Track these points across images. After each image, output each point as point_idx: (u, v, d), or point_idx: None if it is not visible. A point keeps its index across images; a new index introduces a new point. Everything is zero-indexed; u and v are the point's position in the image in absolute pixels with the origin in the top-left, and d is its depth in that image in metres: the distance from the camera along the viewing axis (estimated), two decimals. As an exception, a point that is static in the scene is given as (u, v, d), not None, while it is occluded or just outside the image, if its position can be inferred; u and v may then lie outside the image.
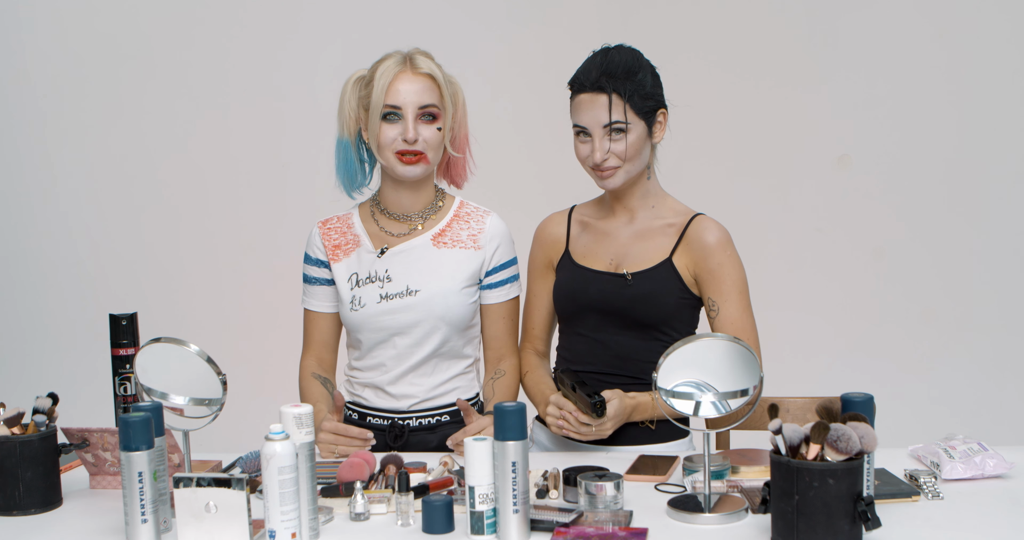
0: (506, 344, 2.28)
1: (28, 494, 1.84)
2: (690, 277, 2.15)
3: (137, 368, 1.85)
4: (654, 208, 2.21)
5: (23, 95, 3.94)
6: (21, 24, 3.90)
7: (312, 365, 2.30)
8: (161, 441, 1.73)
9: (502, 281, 2.26)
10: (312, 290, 2.29)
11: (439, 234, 2.24)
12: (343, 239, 2.26)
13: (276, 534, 1.60)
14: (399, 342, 2.20)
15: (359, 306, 2.20)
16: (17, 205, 3.99)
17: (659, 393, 1.75)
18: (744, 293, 2.14)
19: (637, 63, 2.12)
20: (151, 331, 2.05)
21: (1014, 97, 3.70)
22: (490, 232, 2.25)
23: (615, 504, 1.72)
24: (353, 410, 2.28)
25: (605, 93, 2.09)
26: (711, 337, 1.75)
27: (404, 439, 2.22)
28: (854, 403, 1.68)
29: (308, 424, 1.67)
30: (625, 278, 2.15)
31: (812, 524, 1.52)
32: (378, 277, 2.21)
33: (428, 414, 2.23)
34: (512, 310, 2.29)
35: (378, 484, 1.89)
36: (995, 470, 1.87)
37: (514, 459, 1.61)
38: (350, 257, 2.24)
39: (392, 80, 2.12)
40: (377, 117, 2.13)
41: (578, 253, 2.25)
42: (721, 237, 2.14)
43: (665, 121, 2.17)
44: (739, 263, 2.15)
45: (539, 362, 2.31)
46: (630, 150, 2.11)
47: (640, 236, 2.19)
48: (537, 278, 2.33)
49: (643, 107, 2.11)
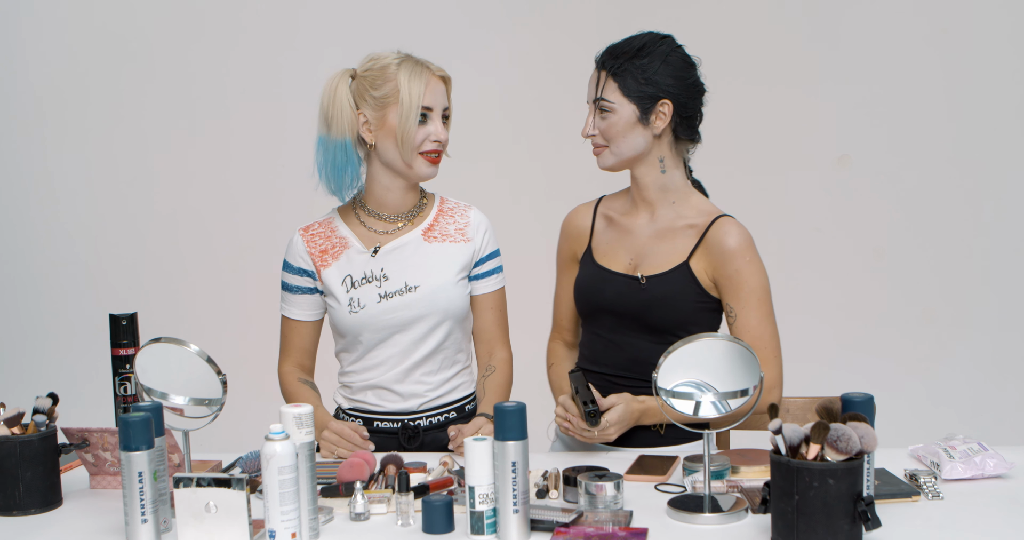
0: (495, 336, 2.28)
1: (28, 494, 1.84)
2: (708, 281, 2.11)
3: (137, 368, 1.85)
4: (675, 204, 2.17)
5: (23, 95, 3.94)
6: (21, 24, 3.90)
7: (295, 371, 2.29)
8: (161, 441, 1.73)
9: (489, 271, 2.27)
10: (292, 299, 2.28)
11: (428, 229, 2.24)
12: (329, 243, 2.25)
13: (276, 534, 1.60)
14: (400, 339, 2.20)
15: (358, 307, 2.20)
16: (17, 205, 3.99)
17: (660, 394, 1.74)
18: (764, 300, 2.08)
19: (650, 48, 2.10)
20: (151, 331, 2.05)
21: (1013, 97, 3.70)
22: (475, 224, 2.26)
23: (615, 504, 1.72)
24: (356, 417, 2.27)
25: (602, 69, 2.12)
26: (711, 337, 1.75)
27: (419, 440, 2.22)
28: (854, 403, 1.68)
29: (308, 424, 1.67)
30: (639, 281, 2.13)
31: (812, 524, 1.52)
32: (374, 276, 2.21)
33: (437, 412, 2.23)
34: (499, 301, 2.29)
35: (378, 484, 1.89)
36: (995, 470, 1.87)
37: (514, 459, 1.61)
38: (340, 260, 2.23)
39: (428, 82, 2.14)
40: (414, 118, 2.13)
41: (599, 250, 2.23)
42: (741, 242, 2.08)
43: (669, 113, 2.10)
44: (760, 269, 2.09)
45: (566, 353, 2.32)
46: (611, 130, 2.10)
47: (660, 236, 2.16)
48: (564, 270, 2.32)
49: (637, 91, 2.08)
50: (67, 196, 3.95)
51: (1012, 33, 3.68)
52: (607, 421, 2.00)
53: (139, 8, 3.88)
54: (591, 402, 1.99)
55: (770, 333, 2.09)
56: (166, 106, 3.89)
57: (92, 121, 3.92)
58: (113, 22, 3.89)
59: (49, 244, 3.98)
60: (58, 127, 3.94)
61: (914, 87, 3.73)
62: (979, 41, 3.69)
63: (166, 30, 3.88)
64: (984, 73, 3.70)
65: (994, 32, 3.68)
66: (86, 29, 3.89)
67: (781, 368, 2.10)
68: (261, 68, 3.87)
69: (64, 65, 3.90)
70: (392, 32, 3.71)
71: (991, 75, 3.70)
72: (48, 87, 3.92)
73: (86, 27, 3.89)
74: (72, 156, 3.94)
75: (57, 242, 3.98)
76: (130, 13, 3.88)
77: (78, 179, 3.95)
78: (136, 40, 3.88)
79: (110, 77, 3.89)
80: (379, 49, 2.21)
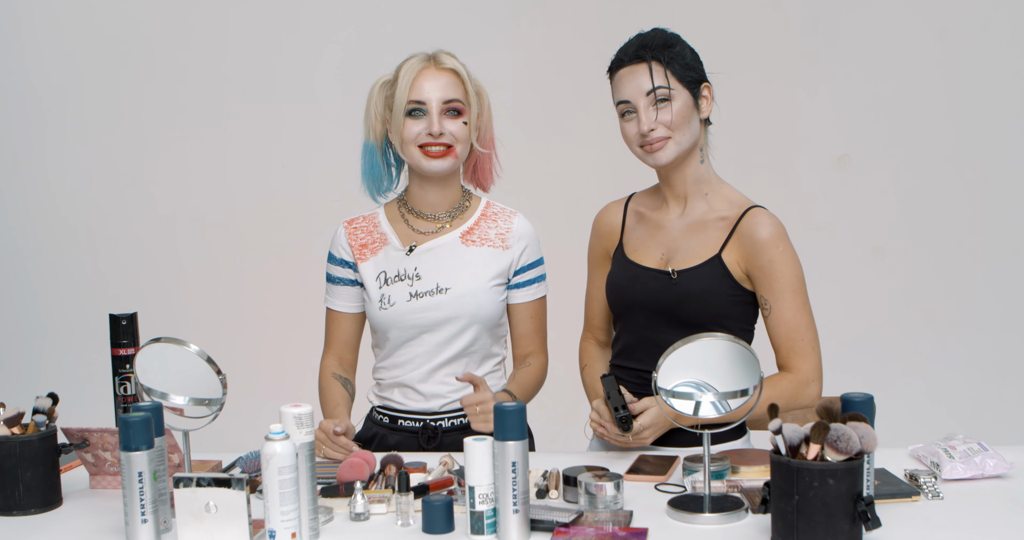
0: (533, 342, 2.28)
1: (28, 494, 1.84)
2: (741, 273, 2.08)
3: (137, 368, 1.85)
4: (707, 196, 2.14)
5: (23, 95, 3.94)
6: (21, 25, 3.91)
7: (333, 365, 2.30)
8: (161, 441, 1.73)
9: (530, 281, 2.26)
10: (335, 290, 2.29)
11: (467, 232, 2.24)
12: (369, 238, 2.27)
13: (276, 534, 1.60)
14: (428, 339, 2.20)
15: (388, 304, 2.20)
16: (17, 205, 3.99)
17: (660, 394, 1.74)
18: (799, 291, 2.05)
19: (674, 39, 2.10)
20: (151, 331, 2.05)
21: (1014, 97, 3.70)
22: (518, 232, 2.25)
23: (615, 504, 1.72)
24: (384, 414, 2.28)
25: (645, 62, 2.06)
26: (711, 337, 1.74)
27: (438, 440, 2.22)
28: (854, 403, 1.68)
29: (308, 424, 1.67)
30: (671, 276, 2.10)
31: (812, 524, 1.52)
32: (407, 275, 2.21)
33: (460, 414, 2.22)
34: (539, 310, 2.28)
35: (378, 484, 1.89)
36: (995, 470, 1.87)
37: (514, 459, 1.61)
38: (377, 255, 2.25)
39: (416, 77, 2.14)
40: (401, 114, 2.14)
41: (630, 246, 2.20)
42: (774, 232, 2.05)
43: (711, 96, 2.10)
44: (794, 259, 2.06)
45: (599, 354, 2.30)
46: (677, 118, 2.05)
47: (692, 229, 2.13)
48: (596, 268, 2.30)
49: (685, 76, 2.06)
50: (67, 196, 3.96)
51: (1012, 33, 3.68)
52: (640, 425, 1.97)
53: (138, 8, 3.88)
54: (623, 407, 1.97)
55: (806, 324, 2.04)
56: (166, 106, 3.90)
57: (92, 121, 3.92)
58: (113, 22, 3.89)
59: (49, 244, 3.98)
60: (58, 127, 3.94)
61: (914, 87, 3.73)
62: (979, 41, 3.69)
63: (165, 30, 3.88)
64: (984, 73, 3.70)
65: (994, 32, 3.69)
66: (86, 29, 3.89)
67: (820, 360, 2.05)
68: (261, 68, 3.87)
69: (64, 65, 3.90)
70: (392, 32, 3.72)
71: (991, 75, 3.70)
72: (48, 87, 3.92)
73: (86, 27, 3.89)
74: (72, 156, 3.94)
75: (57, 242, 3.98)
76: (129, 13, 3.88)
77: (78, 179, 3.95)
78: (135, 40, 3.88)
79: (109, 77, 3.90)
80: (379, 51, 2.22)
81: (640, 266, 2.16)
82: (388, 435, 2.26)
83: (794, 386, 2.01)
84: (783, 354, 2.05)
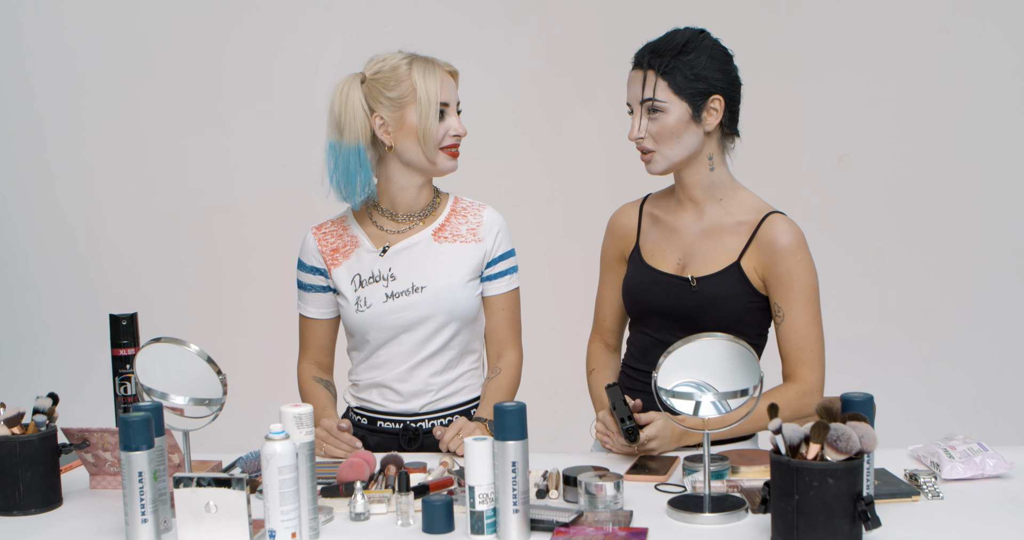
0: (506, 337, 2.27)
1: (28, 494, 1.84)
2: (759, 280, 2.07)
3: (137, 368, 1.85)
4: (722, 201, 2.12)
5: (23, 95, 3.94)
6: (21, 25, 3.91)
7: (312, 369, 2.30)
8: (161, 441, 1.73)
9: (502, 272, 2.26)
10: (307, 296, 2.28)
11: (439, 229, 2.23)
12: (340, 241, 2.26)
13: (276, 534, 1.60)
14: (407, 339, 2.20)
15: (365, 306, 2.20)
16: (17, 205, 3.99)
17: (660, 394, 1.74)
18: (813, 301, 2.03)
19: (694, 44, 2.04)
20: (151, 331, 2.05)
21: (1014, 97, 3.70)
22: (488, 223, 2.25)
23: (615, 504, 1.72)
24: (361, 415, 2.28)
25: (643, 69, 2.05)
26: (711, 337, 1.74)
27: (419, 442, 2.22)
28: (854, 403, 1.68)
29: (308, 424, 1.67)
30: (690, 283, 2.09)
31: (812, 524, 1.52)
32: (382, 276, 2.21)
33: (440, 414, 2.23)
34: (512, 302, 2.28)
35: (378, 484, 1.89)
36: (995, 470, 1.87)
37: (514, 459, 1.61)
38: (350, 259, 2.24)
39: (442, 78, 2.15)
40: (434, 115, 2.13)
41: (647, 250, 2.19)
42: (793, 240, 2.03)
43: (721, 109, 2.06)
44: (811, 268, 2.04)
45: (607, 359, 2.29)
46: (663, 132, 2.03)
47: (709, 235, 2.11)
48: (609, 270, 2.28)
49: (687, 88, 2.02)
50: (67, 196, 3.96)
51: (1012, 33, 3.68)
52: (646, 436, 1.97)
53: (139, 8, 3.88)
54: (628, 418, 1.97)
55: (816, 335, 2.04)
56: (166, 106, 3.90)
57: (92, 121, 3.92)
58: (113, 22, 3.89)
59: (49, 244, 3.98)
60: (58, 127, 3.94)
61: (914, 87, 3.73)
62: (979, 41, 3.69)
63: (166, 30, 3.88)
64: (984, 73, 3.70)
65: (994, 32, 3.69)
66: (86, 29, 3.89)
67: (823, 372, 2.05)
68: (261, 68, 3.88)
69: (64, 65, 3.90)
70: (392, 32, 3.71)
71: (991, 75, 3.70)
72: (48, 87, 3.92)
73: (86, 28, 3.89)
74: (72, 156, 3.94)
75: (57, 242, 3.98)
76: (129, 13, 3.88)
77: (78, 179, 3.95)
78: (136, 40, 3.88)
79: (110, 77, 3.90)
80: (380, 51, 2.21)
81: (658, 271, 2.14)
82: (368, 436, 2.25)
83: (799, 397, 2.02)
84: (790, 363, 2.05)
